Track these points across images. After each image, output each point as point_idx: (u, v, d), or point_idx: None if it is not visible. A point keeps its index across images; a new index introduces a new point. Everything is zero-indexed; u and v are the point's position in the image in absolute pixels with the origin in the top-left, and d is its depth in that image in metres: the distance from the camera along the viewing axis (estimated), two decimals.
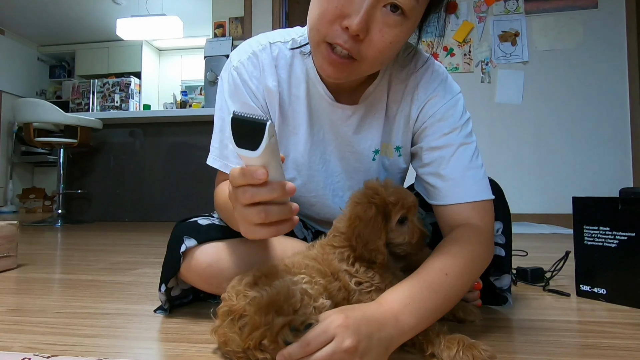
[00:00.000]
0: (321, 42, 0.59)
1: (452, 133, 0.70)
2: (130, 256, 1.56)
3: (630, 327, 0.71)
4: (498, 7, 3.21)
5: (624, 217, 0.84)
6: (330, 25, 0.56)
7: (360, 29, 0.54)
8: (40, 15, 4.94)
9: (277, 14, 3.55)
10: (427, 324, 0.56)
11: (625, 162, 3.03)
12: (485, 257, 0.66)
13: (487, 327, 0.70)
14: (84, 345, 0.62)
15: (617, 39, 3.07)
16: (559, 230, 2.53)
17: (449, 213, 0.69)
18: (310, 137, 0.76)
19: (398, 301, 0.54)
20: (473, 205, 0.68)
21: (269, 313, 0.48)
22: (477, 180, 0.69)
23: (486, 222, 0.68)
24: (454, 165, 0.69)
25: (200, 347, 0.61)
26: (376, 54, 0.58)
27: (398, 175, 0.82)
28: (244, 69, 0.72)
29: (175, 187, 3.51)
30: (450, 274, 0.58)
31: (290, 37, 0.74)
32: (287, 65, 0.74)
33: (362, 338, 0.48)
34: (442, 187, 0.69)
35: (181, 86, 5.90)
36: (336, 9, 0.55)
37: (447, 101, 0.72)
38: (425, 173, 0.73)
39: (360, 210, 0.61)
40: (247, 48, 0.74)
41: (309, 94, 0.74)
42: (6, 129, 4.84)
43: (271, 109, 0.75)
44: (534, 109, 3.14)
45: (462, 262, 0.60)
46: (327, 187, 0.80)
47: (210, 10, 3.87)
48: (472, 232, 0.66)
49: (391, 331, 0.52)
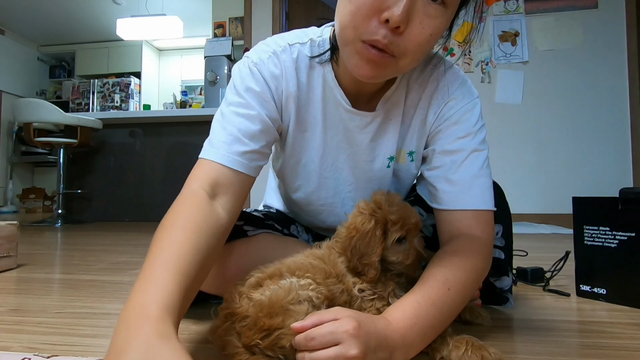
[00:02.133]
0: (357, 40, 0.55)
1: (466, 138, 0.69)
2: (130, 256, 1.56)
3: (630, 327, 0.71)
4: (498, 7, 3.21)
5: (624, 217, 0.84)
6: (367, 20, 0.53)
7: (402, 19, 0.51)
8: (40, 15, 4.94)
9: (277, 14, 3.55)
10: (429, 341, 0.56)
11: (625, 162, 3.03)
12: (484, 269, 0.66)
13: (487, 327, 0.70)
14: (84, 345, 0.62)
15: (617, 39, 3.07)
16: (559, 230, 2.53)
17: (450, 219, 0.68)
18: (323, 144, 0.74)
19: (405, 320, 0.54)
20: (476, 213, 0.67)
21: (272, 316, 0.48)
22: (484, 190, 0.68)
23: (487, 233, 0.67)
24: (464, 172, 0.68)
25: (200, 347, 0.61)
26: (416, 47, 0.56)
27: (408, 181, 0.81)
28: (264, 67, 0.68)
29: (176, 187, 3.45)
30: (452, 289, 0.58)
31: (307, 38, 0.71)
32: (307, 69, 0.71)
33: (369, 352, 0.47)
34: (449, 191, 0.68)
35: (181, 86, 5.90)
36: (374, 1, 0.52)
37: (465, 104, 0.70)
38: (433, 176, 0.71)
39: (359, 222, 0.61)
40: (265, 48, 0.70)
41: (325, 99, 0.72)
42: (6, 129, 4.84)
43: (285, 111, 0.71)
44: (534, 109, 3.14)
45: (464, 276, 0.60)
46: (337, 196, 0.79)
47: (210, 10, 3.87)
48: (473, 244, 0.65)
49: (397, 352, 0.52)
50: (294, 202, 0.85)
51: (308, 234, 0.92)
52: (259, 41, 0.74)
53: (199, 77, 4.30)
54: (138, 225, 3.13)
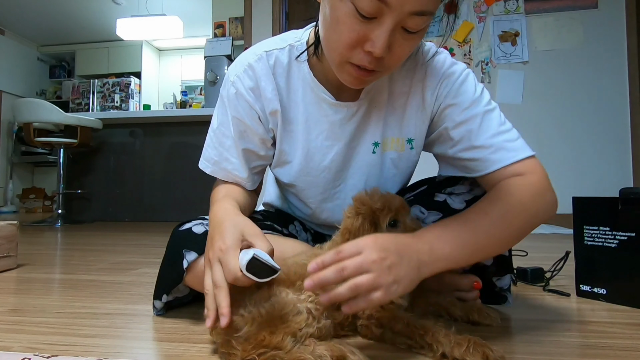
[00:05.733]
0: (344, 62, 0.60)
1: (472, 106, 0.70)
2: (130, 256, 1.56)
3: (630, 327, 0.71)
4: (498, 7, 3.21)
5: (624, 217, 0.84)
6: (352, 49, 0.58)
7: (383, 52, 0.56)
8: (40, 15, 4.94)
9: (277, 14, 3.55)
10: (463, 256, 0.56)
11: (625, 162, 3.03)
12: (537, 207, 0.65)
13: (488, 327, 0.70)
14: (84, 345, 0.62)
15: (617, 39, 3.07)
16: (559, 230, 2.53)
17: (493, 182, 0.69)
18: (307, 144, 0.77)
19: (431, 232, 0.57)
20: (515, 167, 0.67)
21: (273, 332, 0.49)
22: (512, 142, 0.69)
23: (535, 174, 0.67)
24: (485, 134, 0.69)
25: (200, 347, 0.61)
26: (397, 62, 0.61)
27: (408, 170, 0.82)
28: (240, 83, 0.74)
29: (175, 187, 3.51)
30: (490, 214, 0.59)
31: (286, 43, 0.75)
32: (285, 72, 0.74)
33: (390, 254, 0.50)
34: (481, 157, 0.69)
35: (181, 86, 5.90)
36: (358, 36, 0.56)
37: (457, 78, 0.72)
38: (459, 150, 0.72)
39: (348, 223, 0.63)
40: (243, 61, 0.75)
41: (306, 99, 0.75)
42: (6, 129, 4.84)
43: (272, 118, 0.76)
44: (534, 109, 3.14)
45: (504, 207, 0.61)
46: (326, 192, 0.81)
47: (210, 10, 3.87)
48: (517, 182, 0.65)
49: (424, 255, 0.54)
50: (288, 198, 0.89)
51: (307, 233, 0.93)
52: (259, 41, 0.78)
53: (199, 77, 4.30)
54: (138, 225, 3.13)
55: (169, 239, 0.75)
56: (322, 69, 0.73)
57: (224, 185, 0.79)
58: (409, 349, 0.58)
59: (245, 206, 0.76)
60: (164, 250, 0.75)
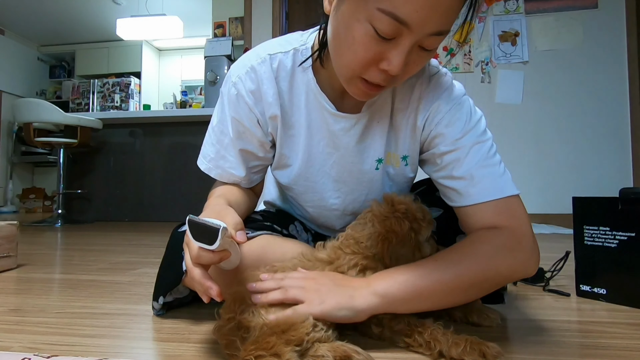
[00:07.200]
0: (355, 77, 0.60)
1: (464, 137, 0.67)
2: (130, 256, 1.56)
3: (630, 327, 0.71)
4: (498, 7, 3.21)
5: (624, 217, 0.84)
6: (366, 67, 0.57)
7: (400, 71, 0.56)
8: (40, 15, 4.94)
9: (277, 14, 3.55)
10: (404, 296, 0.57)
11: (625, 162, 3.03)
12: (507, 262, 0.61)
13: (487, 327, 0.70)
14: (84, 345, 0.62)
15: (617, 39, 3.07)
16: (559, 230, 2.53)
17: (467, 215, 0.67)
18: (308, 149, 0.76)
19: (376, 275, 0.59)
20: (494, 204, 0.64)
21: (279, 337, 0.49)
22: (495, 177, 0.65)
23: (513, 221, 0.63)
24: (468, 165, 0.66)
25: (200, 347, 0.61)
26: (407, 76, 0.62)
27: (404, 185, 0.81)
28: (241, 85, 0.73)
29: (175, 187, 3.51)
30: (447, 262, 0.60)
31: (291, 47, 0.73)
32: (288, 77, 0.73)
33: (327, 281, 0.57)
34: (459, 187, 0.66)
35: (181, 86, 5.90)
36: (374, 56, 0.55)
37: (451, 107, 0.70)
38: (440, 177, 0.70)
39: (395, 225, 0.60)
40: (246, 62, 0.74)
41: (309, 105, 0.74)
42: (6, 129, 4.84)
43: (272, 123, 0.75)
44: (534, 109, 3.14)
45: (464, 258, 0.61)
46: (324, 200, 0.81)
47: (210, 10, 3.87)
48: (489, 234, 0.63)
49: (360, 288, 0.57)
50: (287, 199, 0.90)
51: (307, 234, 0.93)
52: (259, 41, 0.79)
53: (199, 77, 4.30)
54: (138, 225, 3.13)
55: (169, 240, 0.75)
56: (326, 76, 0.72)
57: (221, 187, 0.78)
58: (407, 347, 0.58)
59: (241, 207, 0.75)
60: (164, 250, 0.75)
